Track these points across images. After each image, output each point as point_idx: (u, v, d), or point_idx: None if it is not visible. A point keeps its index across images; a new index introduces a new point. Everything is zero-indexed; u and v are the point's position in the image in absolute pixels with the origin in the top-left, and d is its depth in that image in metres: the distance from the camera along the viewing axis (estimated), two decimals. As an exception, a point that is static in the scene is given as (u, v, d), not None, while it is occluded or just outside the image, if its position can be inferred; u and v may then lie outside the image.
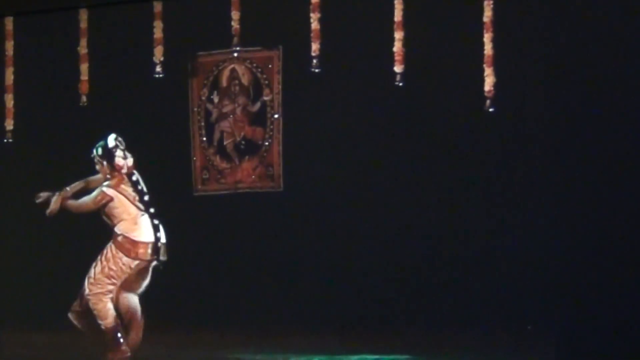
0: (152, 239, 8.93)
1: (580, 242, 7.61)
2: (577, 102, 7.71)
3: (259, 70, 8.86)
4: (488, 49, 8.18)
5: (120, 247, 8.89)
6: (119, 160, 8.98)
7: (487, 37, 8.17)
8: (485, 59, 8.19)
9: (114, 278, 8.84)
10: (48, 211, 8.95)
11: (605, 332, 7.41)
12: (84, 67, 9.09)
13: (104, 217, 9.01)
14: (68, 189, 9.02)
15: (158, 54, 8.91)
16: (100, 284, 8.86)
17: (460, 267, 8.51)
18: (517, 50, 8.26)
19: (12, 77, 9.13)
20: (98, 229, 9.38)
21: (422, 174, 8.75)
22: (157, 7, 8.96)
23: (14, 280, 9.01)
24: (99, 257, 8.90)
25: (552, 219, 7.85)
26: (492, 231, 8.50)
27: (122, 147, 9.01)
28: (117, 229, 8.94)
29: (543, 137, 7.95)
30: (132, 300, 8.87)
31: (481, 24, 8.18)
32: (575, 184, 7.62)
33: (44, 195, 8.96)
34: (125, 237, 8.91)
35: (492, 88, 8.20)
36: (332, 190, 8.92)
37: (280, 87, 8.79)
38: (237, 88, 8.91)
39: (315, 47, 8.59)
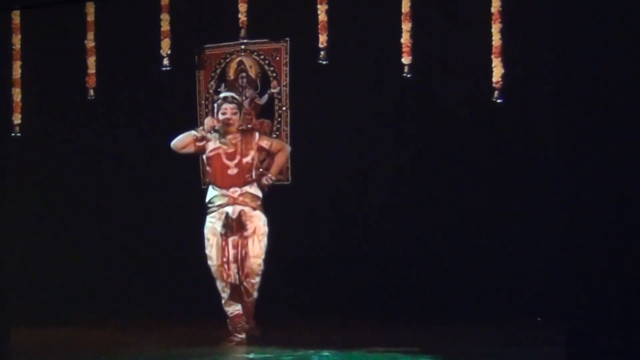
0: None
1: (590, 234, 7.58)
2: (585, 93, 7.66)
3: (267, 62, 8.84)
4: (496, 39, 8.16)
5: None
6: None
7: (496, 28, 8.14)
8: (494, 50, 8.16)
9: None
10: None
11: (614, 324, 7.38)
12: (91, 61, 9.06)
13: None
14: None
15: (165, 46, 8.88)
16: None
17: (468, 260, 8.51)
18: (526, 41, 8.25)
19: (19, 70, 9.10)
20: (108, 225, 9.42)
21: (430, 166, 8.74)
22: (164, 0, 8.93)
23: (24, 275, 9.01)
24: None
25: (562, 211, 7.81)
26: (500, 223, 8.49)
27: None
28: None
29: (551, 128, 7.92)
30: None
31: (489, 14, 8.16)
32: (584, 176, 7.57)
33: None
34: None
35: (500, 79, 8.18)
36: (339, 183, 8.92)
37: (287, 79, 8.77)
38: (245, 80, 8.88)
39: (322, 39, 8.55)
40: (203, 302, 8.84)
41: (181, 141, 8.39)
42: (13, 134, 9.08)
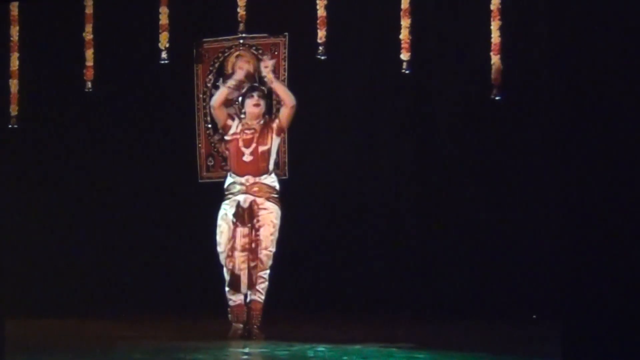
0: None
1: (586, 231, 7.58)
2: (584, 91, 7.66)
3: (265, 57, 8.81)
4: (495, 36, 8.16)
5: None
6: None
7: (495, 25, 8.14)
8: (492, 46, 8.16)
9: None
10: None
11: (610, 322, 7.38)
12: (89, 53, 9.03)
13: None
14: None
15: (163, 40, 8.86)
16: None
17: (464, 257, 8.51)
18: (524, 38, 8.25)
19: (17, 62, 9.08)
20: (103, 218, 9.41)
21: (427, 162, 8.74)
22: (163, -7, 8.92)
23: (20, 267, 8.99)
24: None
25: (558, 209, 7.82)
26: (496, 221, 8.49)
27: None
28: None
29: (549, 125, 7.93)
30: None
31: (488, 11, 8.16)
32: (581, 174, 7.58)
33: None
34: None
35: (498, 76, 8.18)
36: (337, 178, 8.91)
37: (285, 74, 8.75)
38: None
39: (321, 34, 8.54)
40: (199, 295, 8.86)
41: (219, 96, 8.19)
42: (10, 126, 9.07)
